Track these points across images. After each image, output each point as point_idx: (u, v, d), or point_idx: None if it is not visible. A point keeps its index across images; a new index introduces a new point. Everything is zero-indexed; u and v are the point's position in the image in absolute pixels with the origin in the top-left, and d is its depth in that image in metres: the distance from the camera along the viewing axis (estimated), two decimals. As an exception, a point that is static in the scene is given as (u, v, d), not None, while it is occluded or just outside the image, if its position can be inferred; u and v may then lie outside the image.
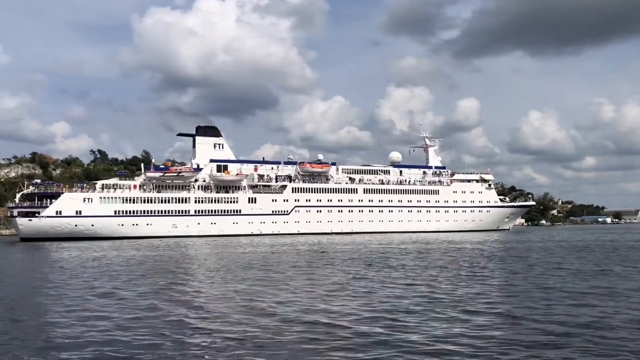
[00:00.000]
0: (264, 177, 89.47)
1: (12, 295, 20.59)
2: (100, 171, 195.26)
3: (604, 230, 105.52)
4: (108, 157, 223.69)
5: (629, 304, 16.52)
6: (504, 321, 14.02)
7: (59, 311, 16.25)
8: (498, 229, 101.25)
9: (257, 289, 20.35)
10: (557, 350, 10.98)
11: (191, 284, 22.62)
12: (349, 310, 15.98)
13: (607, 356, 10.62)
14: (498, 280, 22.71)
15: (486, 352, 10.97)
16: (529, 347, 11.29)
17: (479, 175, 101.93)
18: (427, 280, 22.56)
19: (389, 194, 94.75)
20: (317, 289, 20.47)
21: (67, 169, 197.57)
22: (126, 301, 18.07)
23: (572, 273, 25.26)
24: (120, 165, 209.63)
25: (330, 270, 27.22)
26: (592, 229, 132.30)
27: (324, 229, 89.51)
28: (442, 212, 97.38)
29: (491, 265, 29.09)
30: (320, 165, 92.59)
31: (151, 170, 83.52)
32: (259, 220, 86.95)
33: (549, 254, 39.07)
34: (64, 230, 76.48)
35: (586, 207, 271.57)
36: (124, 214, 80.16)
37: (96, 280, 24.13)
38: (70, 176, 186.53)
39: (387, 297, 18.34)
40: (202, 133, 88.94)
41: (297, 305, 16.53)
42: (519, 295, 18.38)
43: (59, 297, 19.17)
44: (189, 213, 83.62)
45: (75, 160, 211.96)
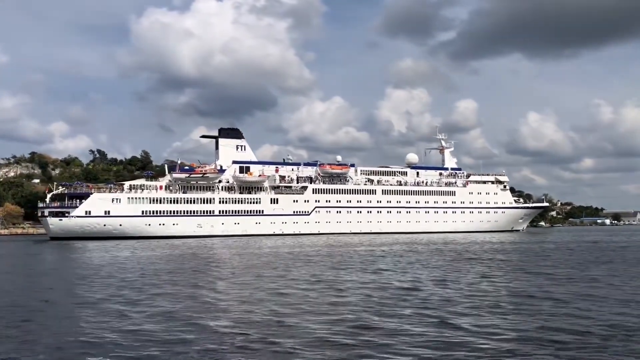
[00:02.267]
0: (285, 178, 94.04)
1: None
2: (99, 171, 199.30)
3: (612, 232, 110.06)
4: (107, 157, 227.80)
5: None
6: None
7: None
8: (512, 229, 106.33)
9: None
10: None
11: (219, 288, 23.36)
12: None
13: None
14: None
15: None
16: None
17: (494, 177, 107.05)
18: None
19: (406, 195, 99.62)
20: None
21: (66, 169, 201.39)
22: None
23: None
24: (119, 165, 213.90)
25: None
26: (595, 230, 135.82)
27: (343, 229, 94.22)
28: (458, 213, 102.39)
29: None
30: (339, 167, 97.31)
31: (177, 171, 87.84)
32: (280, 221, 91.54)
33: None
34: (92, 230, 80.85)
35: (585, 209, 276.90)
36: (151, 214, 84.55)
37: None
38: (70, 176, 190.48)
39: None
40: (224, 135, 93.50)
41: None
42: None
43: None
44: (214, 213, 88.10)
45: (75, 160, 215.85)
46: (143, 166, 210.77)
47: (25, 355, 11.94)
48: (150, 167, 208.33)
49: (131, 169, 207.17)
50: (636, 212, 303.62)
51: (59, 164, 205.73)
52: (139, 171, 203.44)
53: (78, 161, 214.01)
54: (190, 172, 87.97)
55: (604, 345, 12.27)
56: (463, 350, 12.08)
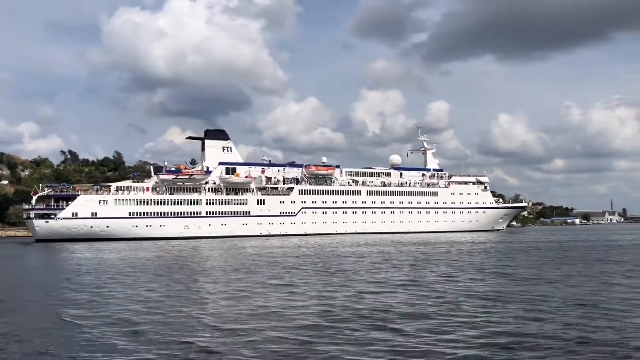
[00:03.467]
0: (272, 179, 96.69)
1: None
2: (71, 172, 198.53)
3: (586, 231, 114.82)
4: (79, 158, 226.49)
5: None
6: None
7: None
8: (493, 229, 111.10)
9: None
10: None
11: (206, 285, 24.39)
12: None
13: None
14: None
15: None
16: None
17: (475, 178, 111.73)
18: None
19: (390, 196, 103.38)
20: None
21: (36, 170, 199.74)
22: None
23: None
24: (91, 167, 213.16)
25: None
26: (566, 230, 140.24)
27: (329, 229, 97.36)
28: (440, 213, 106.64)
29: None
30: (325, 168, 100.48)
31: (164, 172, 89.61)
32: (267, 222, 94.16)
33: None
34: (79, 232, 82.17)
35: (556, 209, 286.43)
36: (138, 215, 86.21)
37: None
38: (40, 177, 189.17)
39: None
40: (211, 136, 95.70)
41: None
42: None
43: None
44: (200, 214, 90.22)
45: (45, 160, 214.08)
46: (115, 167, 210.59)
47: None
48: (122, 168, 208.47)
49: (103, 170, 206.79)
50: (604, 212, 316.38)
51: (28, 165, 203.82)
52: (111, 172, 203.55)
53: (48, 162, 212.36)
54: (177, 174, 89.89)
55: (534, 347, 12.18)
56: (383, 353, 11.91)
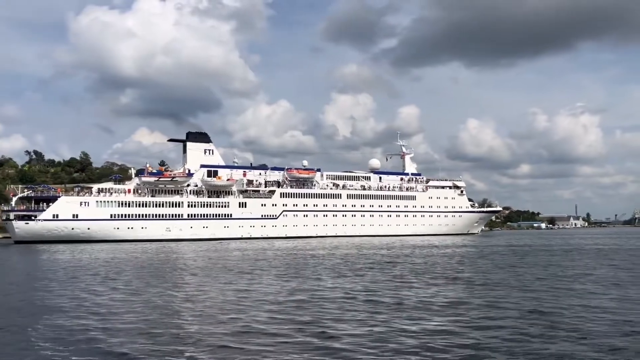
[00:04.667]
0: (253, 182, 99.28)
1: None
2: (36, 173, 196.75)
3: (552, 236, 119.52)
4: (44, 158, 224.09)
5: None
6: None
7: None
8: (468, 232, 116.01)
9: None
10: None
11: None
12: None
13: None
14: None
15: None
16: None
17: (451, 182, 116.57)
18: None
19: (370, 199, 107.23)
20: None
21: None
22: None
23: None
24: (57, 167, 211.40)
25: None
26: (533, 234, 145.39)
27: (310, 232, 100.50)
28: (418, 217, 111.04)
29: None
30: (306, 172, 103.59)
31: (145, 175, 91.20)
32: (249, 224, 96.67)
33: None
34: (60, 234, 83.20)
35: (522, 213, 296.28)
36: (120, 217, 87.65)
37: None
38: (3, 177, 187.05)
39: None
40: (192, 139, 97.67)
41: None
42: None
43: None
44: (182, 217, 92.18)
45: (9, 161, 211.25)
46: (82, 168, 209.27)
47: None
48: (90, 169, 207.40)
49: (70, 171, 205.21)
50: (569, 217, 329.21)
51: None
52: (78, 173, 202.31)
53: (12, 162, 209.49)
54: (159, 176, 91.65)
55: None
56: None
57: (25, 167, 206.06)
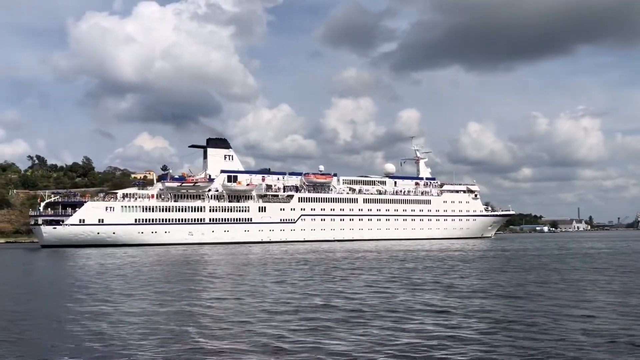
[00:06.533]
0: (272, 187, 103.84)
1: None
2: (38, 177, 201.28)
3: (557, 239, 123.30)
4: (47, 163, 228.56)
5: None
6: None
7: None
8: (482, 236, 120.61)
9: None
10: None
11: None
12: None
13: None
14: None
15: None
16: None
17: (466, 186, 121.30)
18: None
19: (386, 204, 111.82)
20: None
21: (2, 175, 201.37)
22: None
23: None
24: (59, 172, 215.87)
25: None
26: (539, 237, 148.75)
27: (327, 236, 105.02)
28: (433, 221, 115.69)
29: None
30: (323, 176, 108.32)
31: (168, 180, 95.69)
32: (268, 228, 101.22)
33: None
34: (86, 238, 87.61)
35: (525, 217, 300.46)
36: (144, 222, 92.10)
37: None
38: (6, 182, 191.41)
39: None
40: (213, 145, 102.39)
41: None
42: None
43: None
44: (204, 221, 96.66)
45: (12, 166, 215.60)
46: (85, 173, 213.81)
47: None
48: (92, 173, 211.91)
49: (72, 176, 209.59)
50: (572, 220, 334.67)
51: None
52: (80, 178, 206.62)
53: (15, 167, 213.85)
54: (182, 181, 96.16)
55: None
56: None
57: (27, 172, 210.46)
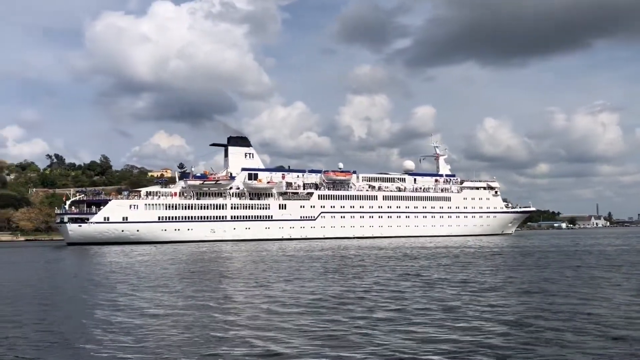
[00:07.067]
0: (292, 184, 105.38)
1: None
2: (57, 176, 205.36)
3: (582, 235, 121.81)
4: (65, 162, 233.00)
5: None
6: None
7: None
8: (503, 233, 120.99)
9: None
10: None
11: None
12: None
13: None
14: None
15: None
16: None
17: (486, 183, 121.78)
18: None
19: (405, 201, 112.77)
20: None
21: (21, 174, 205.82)
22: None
23: None
24: (77, 170, 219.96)
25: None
26: (560, 234, 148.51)
27: (347, 233, 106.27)
28: (453, 218, 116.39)
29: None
30: (343, 174, 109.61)
31: (190, 178, 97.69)
32: (288, 225, 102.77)
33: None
34: (111, 235, 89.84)
35: (542, 213, 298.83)
36: (167, 219, 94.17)
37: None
38: (25, 181, 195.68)
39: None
40: (234, 143, 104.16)
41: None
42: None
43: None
44: (226, 219, 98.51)
45: (31, 164, 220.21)
46: (102, 171, 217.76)
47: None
48: (109, 172, 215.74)
49: (90, 174, 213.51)
50: (591, 217, 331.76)
51: (14, 169, 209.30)
52: (98, 176, 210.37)
53: (34, 166, 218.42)
54: (203, 179, 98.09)
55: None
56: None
57: (46, 170, 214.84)
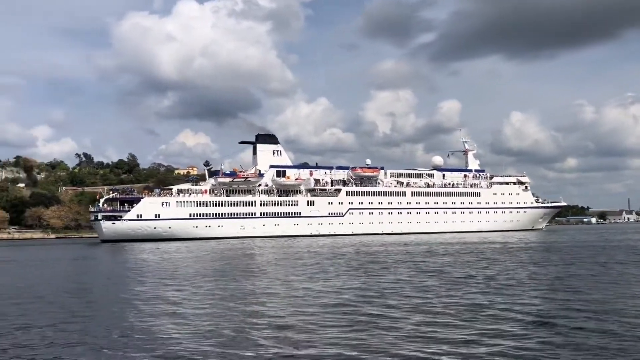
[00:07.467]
0: (320, 181, 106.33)
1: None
2: (85, 174, 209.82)
3: (614, 231, 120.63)
4: (93, 161, 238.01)
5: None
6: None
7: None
8: (533, 228, 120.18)
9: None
10: None
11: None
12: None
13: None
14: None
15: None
16: None
17: (516, 178, 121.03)
18: None
19: (434, 197, 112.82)
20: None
21: (51, 173, 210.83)
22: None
23: None
24: (105, 169, 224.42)
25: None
26: (589, 229, 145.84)
27: (375, 229, 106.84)
28: (483, 213, 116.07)
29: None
30: (370, 170, 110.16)
31: (220, 176, 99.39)
32: (317, 222, 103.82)
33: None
34: (143, 233, 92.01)
35: (571, 208, 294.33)
36: (198, 216, 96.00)
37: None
38: (55, 180, 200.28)
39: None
40: (262, 141, 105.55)
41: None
42: None
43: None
44: (255, 215, 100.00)
45: (61, 163, 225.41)
46: (130, 169, 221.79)
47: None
48: (137, 170, 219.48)
49: (118, 172, 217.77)
50: (622, 211, 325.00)
51: (44, 168, 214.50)
52: (126, 174, 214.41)
53: (64, 165, 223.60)
54: (233, 177, 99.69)
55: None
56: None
57: (75, 169, 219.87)
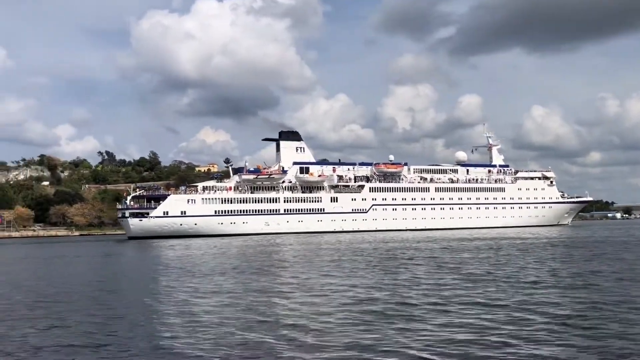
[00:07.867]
0: (343, 177, 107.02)
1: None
2: (108, 172, 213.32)
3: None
4: (115, 159, 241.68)
5: None
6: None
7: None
8: (559, 223, 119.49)
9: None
10: None
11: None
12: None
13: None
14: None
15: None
16: None
17: (541, 173, 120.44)
18: None
19: (458, 192, 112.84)
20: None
21: (75, 171, 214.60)
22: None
23: None
24: (127, 167, 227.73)
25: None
26: (615, 224, 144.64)
27: (399, 225, 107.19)
28: (508, 209, 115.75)
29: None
30: (394, 166, 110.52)
31: (244, 173, 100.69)
32: (340, 218, 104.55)
33: None
34: (170, 229, 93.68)
35: (595, 203, 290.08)
36: (223, 213, 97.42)
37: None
38: (78, 178, 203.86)
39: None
40: (285, 137, 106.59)
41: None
42: None
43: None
44: (279, 212, 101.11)
45: (83, 162, 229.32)
46: (151, 167, 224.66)
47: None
48: (158, 167, 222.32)
49: (139, 170, 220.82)
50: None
51: (67, 166, 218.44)
52: (147, 172, 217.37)
53: (87, 163, 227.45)
54: (257, 174, 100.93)
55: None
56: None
57: (98, 167, 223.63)
